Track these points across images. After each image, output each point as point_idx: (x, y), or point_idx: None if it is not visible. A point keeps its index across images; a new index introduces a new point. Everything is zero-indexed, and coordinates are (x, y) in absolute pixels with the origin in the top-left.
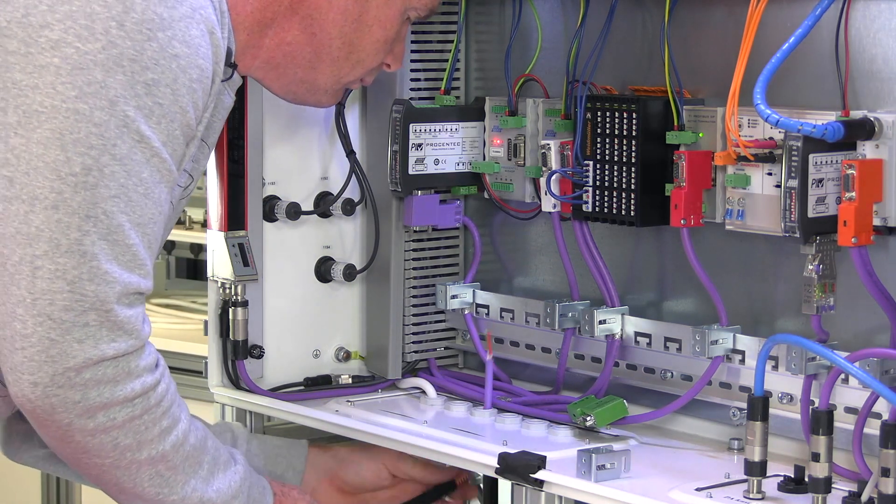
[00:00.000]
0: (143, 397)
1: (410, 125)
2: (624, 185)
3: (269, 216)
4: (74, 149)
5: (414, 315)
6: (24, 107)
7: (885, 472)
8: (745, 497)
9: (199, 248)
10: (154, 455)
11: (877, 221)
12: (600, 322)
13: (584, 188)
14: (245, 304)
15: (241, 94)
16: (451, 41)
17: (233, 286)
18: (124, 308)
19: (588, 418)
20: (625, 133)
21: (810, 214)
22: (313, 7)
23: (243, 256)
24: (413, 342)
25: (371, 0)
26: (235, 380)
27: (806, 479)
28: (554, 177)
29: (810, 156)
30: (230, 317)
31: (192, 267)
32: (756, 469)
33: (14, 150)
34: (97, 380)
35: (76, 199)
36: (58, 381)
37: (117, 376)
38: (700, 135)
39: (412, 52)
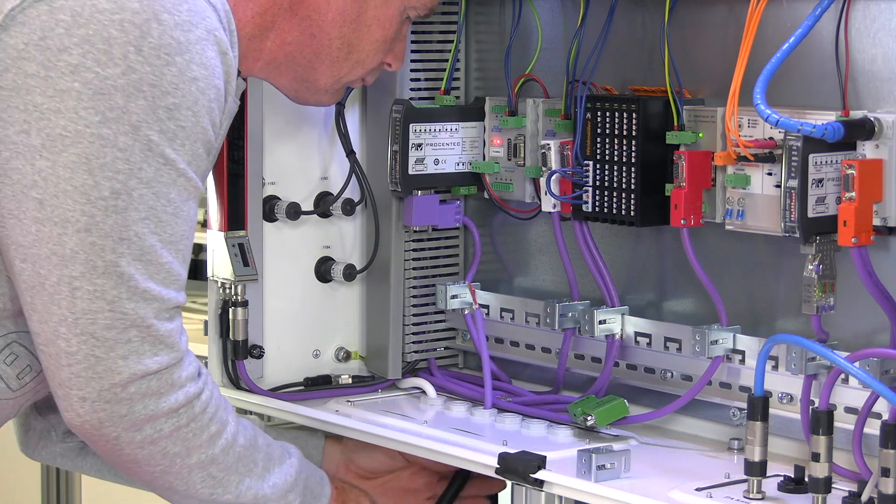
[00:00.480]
0: (187, 407)
1: (410, 125)
2: (624, 185)
3: (269, 216)
4: (102, 173)
5: (414, 315)
6: (47, 130)
7: (885, 472)
8: (745, 497)
9: (199, 248)
10: (204, 459)
11: (877, 221)
12: (600, 322)
13: (584, 188)
14: (245, 304)
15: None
16: (451, 41)
17: (233, 286)
18: (164, 322)
19: (589, 418)
20: (625, 133)
21: (810, 214)
22: (312, 8)
23: (243, 256)
24: (413, 342)
25: (369, 0)
26: (235, 380)
27: (806, 479)
28: (554, 177)
29: (810, 156)
30: (230, 317)
31: (192, 267)
32: (756, 469)
33: (41, 173)
34: (142, 393)
35: (108, 222)
36: (105, 397)
37: (161, 389)
38: (700, 135)
39: (412, 52)
